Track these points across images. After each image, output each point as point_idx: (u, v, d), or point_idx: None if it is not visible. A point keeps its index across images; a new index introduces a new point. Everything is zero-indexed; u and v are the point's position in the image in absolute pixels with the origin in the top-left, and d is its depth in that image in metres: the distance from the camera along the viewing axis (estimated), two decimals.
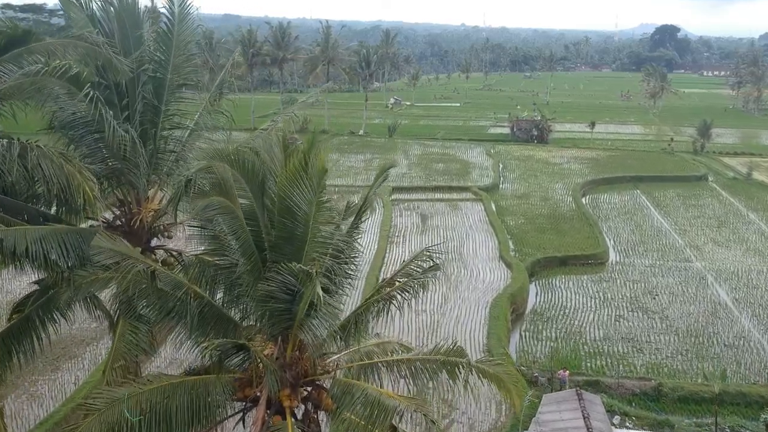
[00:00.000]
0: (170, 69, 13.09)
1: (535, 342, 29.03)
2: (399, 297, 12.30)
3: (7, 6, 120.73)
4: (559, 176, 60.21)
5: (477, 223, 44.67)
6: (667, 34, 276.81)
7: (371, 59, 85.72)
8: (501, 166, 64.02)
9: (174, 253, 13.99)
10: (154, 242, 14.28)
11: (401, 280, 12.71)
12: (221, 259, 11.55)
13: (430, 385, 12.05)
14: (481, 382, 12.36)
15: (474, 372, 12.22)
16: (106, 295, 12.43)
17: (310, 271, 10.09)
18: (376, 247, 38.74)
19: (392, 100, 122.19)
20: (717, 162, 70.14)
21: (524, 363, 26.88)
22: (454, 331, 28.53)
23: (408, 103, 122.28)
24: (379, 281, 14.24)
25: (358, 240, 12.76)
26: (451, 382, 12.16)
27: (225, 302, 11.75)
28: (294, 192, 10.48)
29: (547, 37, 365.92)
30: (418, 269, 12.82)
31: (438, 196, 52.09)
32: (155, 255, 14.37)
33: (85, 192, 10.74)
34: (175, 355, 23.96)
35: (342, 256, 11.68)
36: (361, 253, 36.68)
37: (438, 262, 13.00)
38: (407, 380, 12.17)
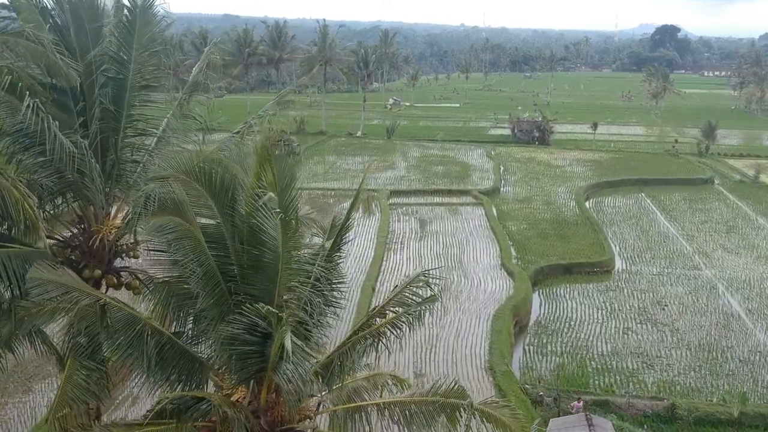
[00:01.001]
0: (132, 69, 11.51)
1: (540, 357, 27.48)
2: (391, 332, 10.70)
3: None
4: (562, 179, 58.69)
5: (477, 229, 43.12)
6: (667, 34, 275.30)
7: (369, 59, 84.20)
8: (502, 168, 62.50)
9: (140, 276, 12.44)
10: (118, 262, 12.74)
11: (394, 309, 11.18)
12: (185, 288, 10.04)
13: None
14: (485, 427, 10.85)
15: (477, 416, 10.71)
16: (55, 328, 10.89)
17: (281, 315, 8.53)
18: (372, 254, 37.19)
19: (391, 101, 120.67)
20: (722, 164, 68.62)
21: (528, 380, 25.34)
22: (454, 345, 26.97)
23: (407, 104, 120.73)
24: (370, 309, 12.75)
25: (341, 263, 11.23)
26: (450, 427, 10.65)
27: (193, 336, 10.24)
28: (258, 213, 8.94)
29: (547, 38, 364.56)
30: (413, 296, 11.29)
31: (437, 200, 50.54)
32: (121, 277, 12.83)
33: (25, 210, 9.20)
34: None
35: (322, 285, 10.12)
36: (355, 261, 35.13)
37: (436, 289, 11.50)
38: (401, 426, 10.65)
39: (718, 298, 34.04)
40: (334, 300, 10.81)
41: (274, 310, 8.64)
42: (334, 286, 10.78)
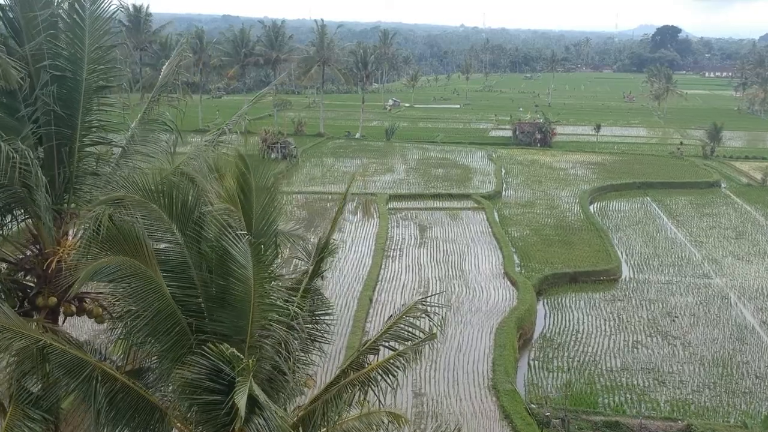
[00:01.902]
0: (86, 66, 10.08)
1: (546, 373, 26.06)
2: (383, 378, 9.29)
3: None
4: (565, 182, 57.28)
5: (479, 235, 41.69)
6: (668, 34, 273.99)
7: (368, 60, 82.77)
8: (503, 171, 61.09)
9: (103, 303, 11.02)
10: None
11: (388, 344, 9.78)
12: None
13: None
14: None
15: None
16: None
17: (246, 362, 7.13)
18: (370, 262, 35.77)
19: (390, 102, 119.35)
20: (728, 167, 67.23)
21: (534, 399, 23.94)
22: (455, 361, 25.54)
23: (407, 105, 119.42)
24: (362, 342, 11.38)
25: (323, 290, 9.82)
26: None
27: (157, 377, 8.84)
28: (224, 238, 7.54)
29: (547, 38, 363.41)
30: (409, 329, 9.89)
31: (437, 204, 49.12)
32: (84, 302, 11.41)
33: None
34: None
35: (303, 320, 8.71)
36: (352, 269, 33.70)
37: (436, 318, 10.09)
38: None
39: (730, 309, 32.63)
40: (319, 334, 9.42)
41: (238, 354, 7.24)
42: (318, 318, 9.39)
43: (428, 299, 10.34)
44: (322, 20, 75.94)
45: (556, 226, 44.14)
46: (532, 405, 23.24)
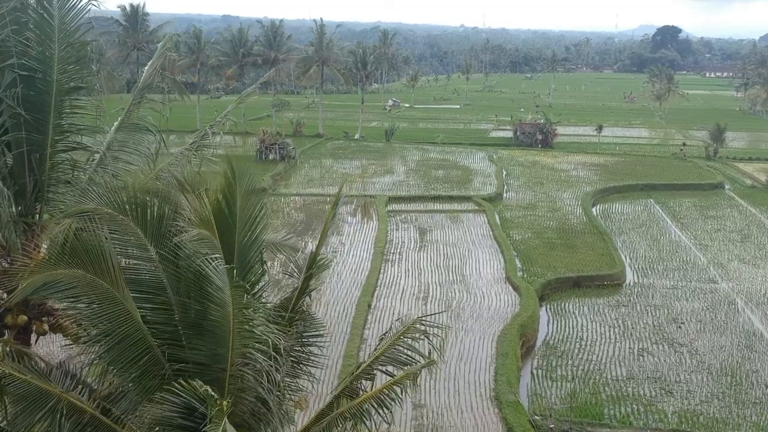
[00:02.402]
0: (56, 66, 9.28)
1: (549, 383, 25.28)
2: (376, 411, 8.51)
3: None
4: (567, 184, 56.53)
5: (480, 238, 40.91)
6: (668, 35, 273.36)
7: (367, 59, 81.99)
8: (504, 172, 60.33)
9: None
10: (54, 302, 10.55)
11: (384, 368, 9.01)
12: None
13: None
14: None
15: None
16: None
17: (220, 402, 6.35)
18: (369, 266, 34.99)
19: (390, 102, 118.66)
20: (732, 168, 66.47)
21: (538, 410, 23.16)
22: (456, 371, 24.76)
23: (407, 105, 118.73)
24: (356, 365, 10.60)
25: (314, 307, 9.04)
26: None
27: (126, 410, 8.05)
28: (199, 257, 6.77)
29: (547, 38, 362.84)
30: (407, 351, 9.12)
31: (437, 206, 48.34)
32: (58, 317, 10.63)
33: None
34: None
35: (289, 347, 7.94)
36: (351, 273, 32.95)
37: (436, 340, 9.32)
38: None
39: (737, 315, 31.85)
40: (309, 358, 8.64)
41: (212, 393, 6.46)
42: (309, 341, 8.62)
43: (428, 318, 9.53)
44: (321, 19, 75.22)
45: (558, 229, 43.37)
46: (536, 417, 22.49)
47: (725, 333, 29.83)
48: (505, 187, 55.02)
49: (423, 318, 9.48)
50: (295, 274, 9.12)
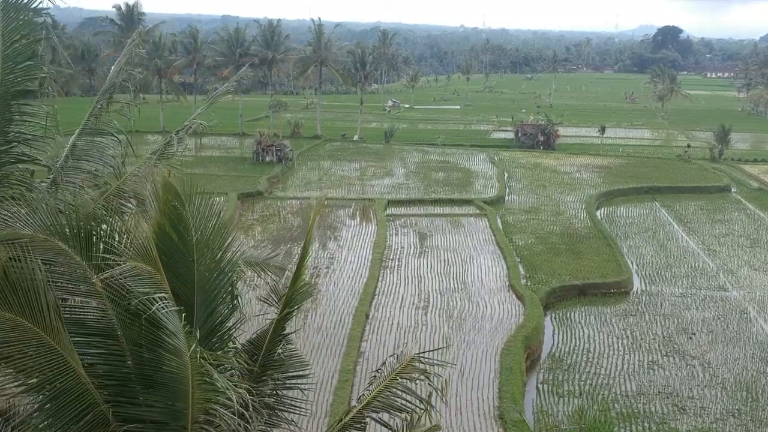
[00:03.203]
0: (0, 65, 8.04)
1: (556, 398, 24.06)
2: None
3: None
4: (570, 187, 55.30)
5: (482, 244, 39.66)
6: (669, 35, 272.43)
7: (366, 60, 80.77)
8: (506, 175, 59.09)
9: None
10: None
11: (376, 415, 7.78)
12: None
13: None
14: None
15: None
16: None
17: None
18: (367, 273, 33.73)
19: (390, 103, 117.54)
20: (737, 170, 65.23)
21: (544, 429, 21.98)
22: (458, 387, 23.51)
23: (406, 106, 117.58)
24: (344, 411, 9.35)
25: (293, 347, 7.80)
26: None
27: None
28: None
29: (547, 39, 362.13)
30: (403, 394, 7.89)
31: (438, 210, 47.10)
32: None
33: None
34: None
35: (262, 394, 6.70)
36: (348, 281, 31.71)
37: (437, 381, 8.10)
38: None
39: (750, 325, 30.64)
40: (290, 405, 7.41)
41: None
42: (289, 383, 7.39)
43: (425, 355, 8.29)
44: (319, 19, 74.02)
45: (562, 234, 42.13)
46: None
47: (738, 344, 28.61)
48: (507, 190, 53.79)
49: (421, 354, 8.26)
50: (275, 303, 7.89)
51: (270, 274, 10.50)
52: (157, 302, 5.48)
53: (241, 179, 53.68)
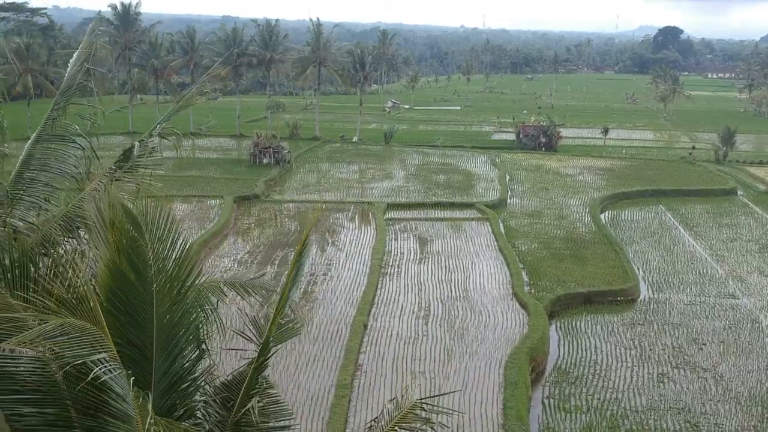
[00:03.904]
0: None
1: (563, 414, 23.00)
2: None
3: None
4: (573, 190, 54.24)
5: (484, 249, 38.60)
6: (670, 35, 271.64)
7: (366, 60, 79.71)
8: (508, 177, 58.01)
9: None
10: None
11: None
12: None
13: None
14: None
15: None
16: None
17: None
18: (365, 281, 32.65)
19: (389, 104, 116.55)
20: (743, 172, 64.20)
21: None
22: (461, 403, 22.44)
23: (406, 107, 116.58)
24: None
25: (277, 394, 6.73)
26: None
27: None
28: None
29: (547, 39, 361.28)
30: None
31: (439, 214, 46.04)
32: None
33: None
34: None
35: None
36: (345, 290, 30.66)
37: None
38: None
39: (761, 334, 29.58)
40: None
41: None
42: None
43: (426, 402, 7.24)
44: (317, 19, 72.95)
45: (566, 239, 41.07)
46: None
47: (751, 355, 27.55)
48: (509, 192, 52.72)
49: (423, 401, 7.21)
50: (256, 339, 6.84)
51: (255, 296, 9.41)
52: (101, 365, 4.43)
53: (238, 182, 52.62)
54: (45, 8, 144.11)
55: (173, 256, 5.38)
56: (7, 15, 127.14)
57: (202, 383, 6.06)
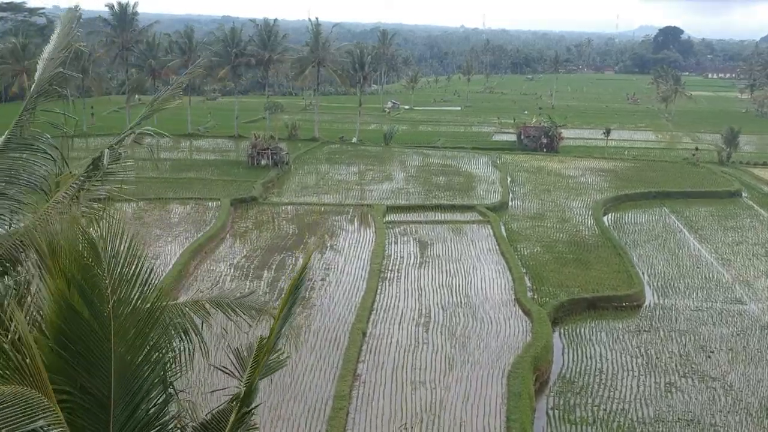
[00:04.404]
0: None
1: (568, 427, 22.25)
2: None
3: None
4: (576, 192, 53.48)
5: (485, 253, 37.83)
6: (670, 35, 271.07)
7: (365, 60, 78.95)
8: (509, 179, 57.25)
9: None
10: None
11: None
12: None
13: None
14: None
15: None
16: None
17: None
18: (364, 286, 31.89)
19: (389, 104, 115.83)
20: (747, 174, 63.44)
21: None
22: (462, 415, 21.70)
23: (406, 107, 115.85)
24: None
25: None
26: None
27: None
28: None
29: (547, 39, 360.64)
30: None
31: (439, 217, 45.27)
32: None
33: None
34: None
35: None
36: (344, 295, 29.88)
37: None
38: None
39: None
40: None
41: None
42: None
43: None
44: (316, 19, 72.21)
45: (569, 242, 40.30)
46: None
47: (760, 364, 26.80)
48: (511, 195, 51.94)
49: None
50: (238, 374, 6.08)
51: (243, 316, 8.68)
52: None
53: (235, 184, 51.87)
54: (43, 8, 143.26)
55: (137, 287, 4.64)
56: (5, 15, 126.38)
57: (174, 429, 5.32)
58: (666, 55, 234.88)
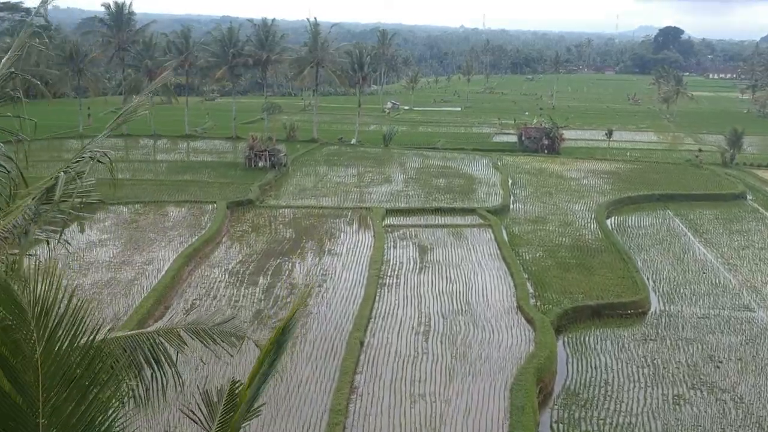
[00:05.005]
0: None
1: None
2: None
3: None
4: (578, 194, 52.65)
5: (486, 258, 37.00)
6: (670, 36, 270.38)
7: (364, 60, 78.11)
8: (510, 181, 56.41)
9: None
10: None
11: None
12: None
13: None
14: None
15: None
16: None
17: None
18: (362, 293, 31.05)
19: (389, 105, 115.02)
20: (751, 176, 62.61)
21: None
22: (464, 430, 20.83)
23: (406, 108, 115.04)
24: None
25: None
26: None
27: None
28: None
29: (547, 40, 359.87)
30: None
31: (439, 220, 44.45)
32: None
33: None
34: None
35: None
36: (341, 303, 28.99)
37: None
38: None
39: None
40: None
41: None
42: None
43: None
44: (315, 19, 71.41)
45: (572, 247, 39.45)
46: None
47: None
48: (512, 197, 51.11)
49: None
50: (207, 425, 5.24)
51: (222, 344, 7.86)
52: None
53: (232, 186, 51.05)
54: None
55: (76, 350, 3.79)
56: (2, 15, 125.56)
57: None
58: (666, 55, 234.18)
